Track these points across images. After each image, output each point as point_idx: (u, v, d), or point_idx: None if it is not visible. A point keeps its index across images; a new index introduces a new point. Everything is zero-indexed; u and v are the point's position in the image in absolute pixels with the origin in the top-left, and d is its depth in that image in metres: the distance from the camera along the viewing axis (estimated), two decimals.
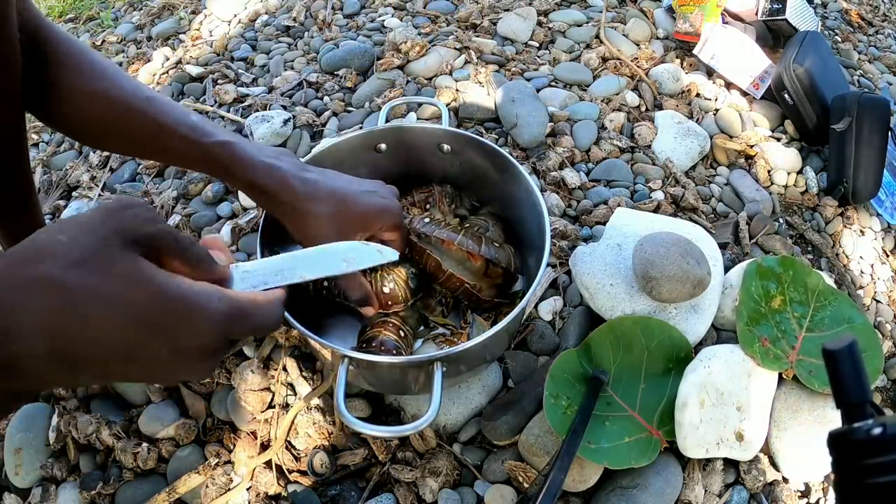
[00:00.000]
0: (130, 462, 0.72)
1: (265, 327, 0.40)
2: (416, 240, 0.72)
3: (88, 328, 0.32)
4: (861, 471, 0.31)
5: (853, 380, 0.33)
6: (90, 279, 0.32)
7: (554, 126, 1.09)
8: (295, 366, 0.78)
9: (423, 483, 0.69)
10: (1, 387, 0.32)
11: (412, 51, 1.21)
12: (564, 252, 0.90)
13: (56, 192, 1.10)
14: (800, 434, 0.72)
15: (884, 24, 1.70)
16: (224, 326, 0.36)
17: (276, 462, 0.73)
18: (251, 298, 0.39)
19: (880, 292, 1.05)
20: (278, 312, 0.41)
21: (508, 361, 0.78)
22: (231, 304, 0.37)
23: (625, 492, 0.66)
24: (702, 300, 0.79)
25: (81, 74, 0.59)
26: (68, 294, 0.31)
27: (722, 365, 0.71)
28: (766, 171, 1.11)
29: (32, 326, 0.31)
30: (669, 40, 1.35)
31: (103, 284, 0.32)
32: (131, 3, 1.71)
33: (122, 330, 0.32)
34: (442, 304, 0.76)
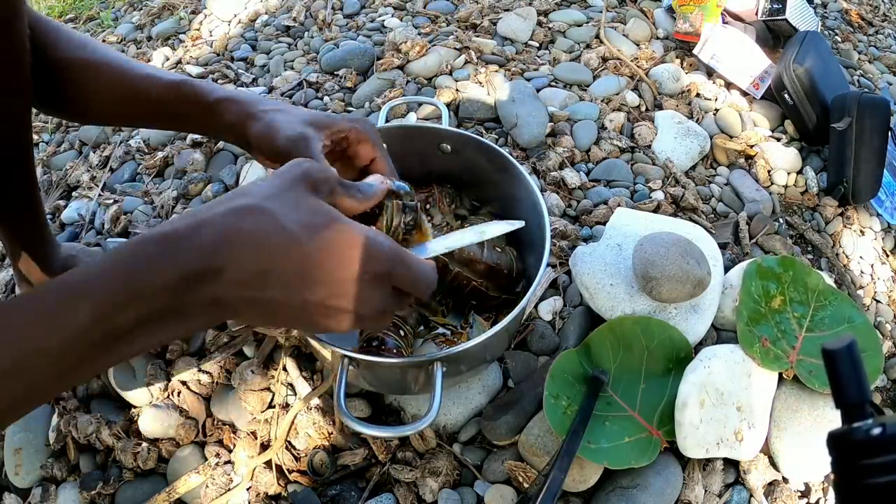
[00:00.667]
0: (130, 462, 0.72)
1: (424, 280, 0.44)
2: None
3: (287, 244, 0.37)
4: (861, 471, 0.31)
5: (853, 380, 0.33)
6: (285, 208, 0.38)
7: (554, 126, 1.09)
8: (295, 366, 0.78)
9: (423, 483, 0.69)
10: (200, 296, 0.36)
11: (412, 51, 1.21)
12: (564, 252, 0.90)
13: (56, 191, 1.10)
14: (800, 434, 0.72)
15: (884, 24, 1.70)
16: (391, 260, 0.41)
17: (276, 462, 0.73)
18: (410, 252, 0.45)
19: (880, 292, 1.05)
20: (434, 274, 0.45)
21: (508, 361, 0.78)
22: (395, 245, 0.43)
23: (625, 492, 0.66)
24: (702, 300, 0.79)
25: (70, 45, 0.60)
26: (269, 216, 0.37)
27: (722, 365, 0.71)
28: (766, 171, 1.11)
29: (238, 242, 0.36)
30: (669, 40, 1.35)
31: (295, 213, 0.38)
32: (131, 3, 1.71)
33: (309, 251, 0.38)
34: (442, 304, 0.76)
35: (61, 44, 0.59)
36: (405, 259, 0.43)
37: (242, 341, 0.81)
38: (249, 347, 0.81)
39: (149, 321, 0.35)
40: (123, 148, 1.14)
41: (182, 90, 0.58)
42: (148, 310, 0.35)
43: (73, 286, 0.34)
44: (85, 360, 0.34)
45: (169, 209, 1.00)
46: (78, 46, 0.60)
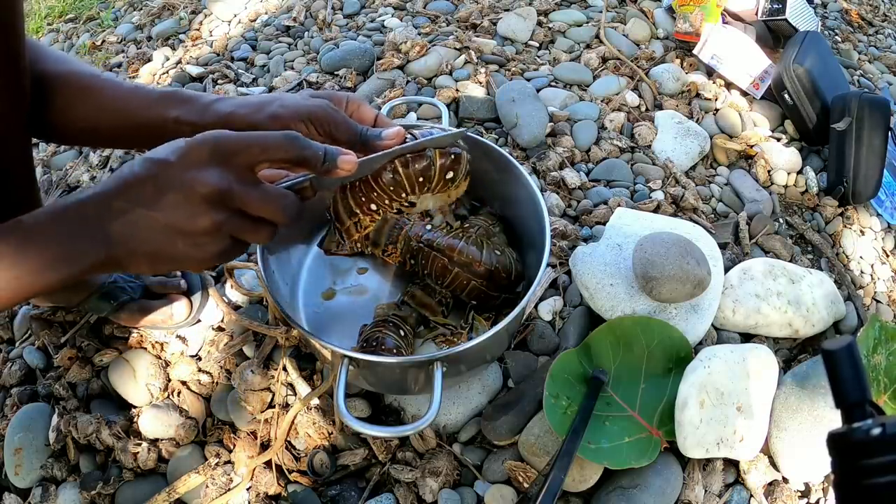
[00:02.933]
0: (130, 462, 0.72)
1: (271, 197, 0.46)
2: (420, 245, 0.73)
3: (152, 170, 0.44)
4: (861, 471, 0.31)
5: (852, 380, 0.33)
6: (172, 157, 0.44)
7: (554, 126, 1.09)
8: (295, 366, 0.78)
9: (423, 483, 0.69)
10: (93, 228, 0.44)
11: (412, 51, 1.21)
12: (564, 252, 0.90)
13: (56, 191, 1.10)
14: (800, 434, 0.72)
15: (884, 24, 1.70)
16: (222, 183, 0.44)
17: (276, 462, 0.73)
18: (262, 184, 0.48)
19: (880, 292, 1.05)
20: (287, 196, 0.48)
21: (508, 361, 0.78)
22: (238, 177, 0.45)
23: (625, 492, 0.66)
24: (702, 300, 0.79)
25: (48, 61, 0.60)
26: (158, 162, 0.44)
27: (722, 365, 0.71)
28: (766, 171, 1.11)
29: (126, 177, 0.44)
30: (669, 40, 1.35)
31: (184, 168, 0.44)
32: (131, 3, 1.71)
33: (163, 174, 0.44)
34: (442, 304, 0.76)
35: (43, 58, 0.59)
36: (245, 182, 0.45)
37: (243, 341, 0.81)
38: (249, 347, 0.81)
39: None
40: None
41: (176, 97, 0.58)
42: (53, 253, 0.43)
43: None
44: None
45: None
46: (61, 61, 0.61)
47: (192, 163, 0.44)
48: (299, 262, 0.82)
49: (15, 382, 0.82)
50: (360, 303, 0.78)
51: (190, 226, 0.44)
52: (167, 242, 0.44)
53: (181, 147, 0.44)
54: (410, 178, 0.57)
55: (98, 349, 0.82)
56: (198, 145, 0.44)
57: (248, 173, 0.46)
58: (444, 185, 0.59)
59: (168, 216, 0.43)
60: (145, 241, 0.44)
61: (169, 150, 0.44)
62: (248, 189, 0.45)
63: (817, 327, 0.85)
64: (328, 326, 0.76)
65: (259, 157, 0.45)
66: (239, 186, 0.45)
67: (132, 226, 0.44)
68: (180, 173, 0.43)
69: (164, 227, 0.44)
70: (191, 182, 0.43)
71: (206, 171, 0.44)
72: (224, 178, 0.44)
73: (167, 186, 0.43)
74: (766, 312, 0.81)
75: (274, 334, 0.80)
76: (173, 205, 0.43)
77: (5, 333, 0.88)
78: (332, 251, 0.83)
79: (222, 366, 0.79)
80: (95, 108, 0.60)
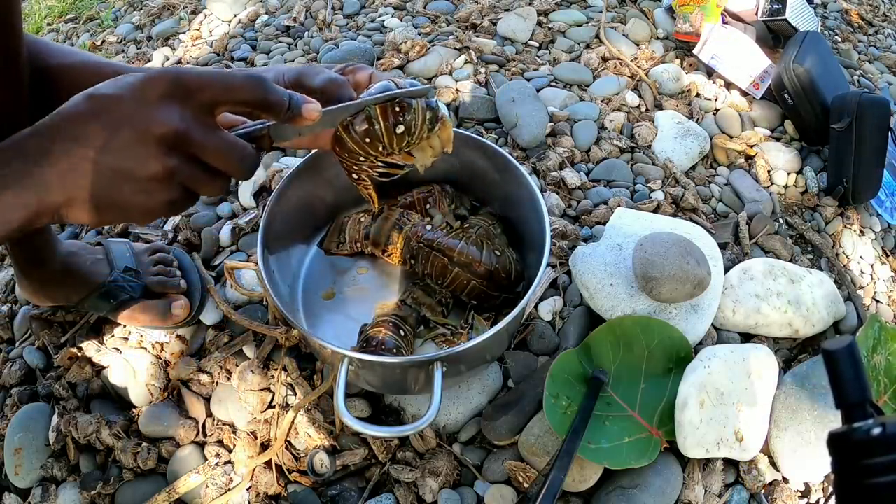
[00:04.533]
0: (130, 462, 0.72)
1: (227, 146, 0.43)
2: (420, 245, 0.73)
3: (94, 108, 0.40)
4: (861, 471, 0.31)
5: (853, 380, 0.33)
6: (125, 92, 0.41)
7: (554, 126, 1.09)
8: (295, 366, 0.78)
9: (423, 483, 0.69)
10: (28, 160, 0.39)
11: (412, 51, 1.21)
12: (564, 252, 0.90)
13: None
14: (800, 434, 0.72)
15: (884, 24, 1.70)
16: (177, 124, 0.40)
17: (276, 462, 0.73)
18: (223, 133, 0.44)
19: (880, 292, 1.05)
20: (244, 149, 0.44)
21: (508, 361, 0.78)
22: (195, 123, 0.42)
23: (625, 492, 0.66)
24: (702, 300, 0.79)
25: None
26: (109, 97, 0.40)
27: (722, 365, 0.71)
28: (766, 171, 1.11)
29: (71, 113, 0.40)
30: (669, 40, 1.35)
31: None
32: (131, 3, 1.71)
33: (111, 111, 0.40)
34: (442, 304, 0.76)
35: (49, 52, 0.59)
36: (204, 130, 0.42)
37: (243, 341, 0.81)
38: (249, 347, 0.81)
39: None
40: None
41: None
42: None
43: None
44: None
45: None
46: (67, 53, 0.60)
47: (148, 99, 0.40)
48: (299, 262, 0.82)
49: (15, 382, 0.82)
50: (360, 303, 0.78)
51: (140, 170, 0.40)
52: (113, 188, 0.40)
53: (134, 82, 0.40)
54: (382, 131, 0.52)
55: (98, 349, 0.82)
56: (154, 80, 0.40)
57: (207, 116, 0.42)
58: (422, 132, 0.54)
59: (116, 159, 0.40)
60: (87, 186, 0.40)
61: (119, 85, 0.40)
62: (206, 133, 0.42)
63: (817, 327, 0.85)
64: (328, 326, 0.76)
65: (221, 97, 0.42)
66: (197, 130, 0.41)
67: (73, 170, 0.39)
68: (133, 110, 0.40)
69: (109, 171, 0.40)
70: (145, 120, 0.40)
71: (163, 108, 0.40)
72: (182, 119, 0.41)
73: (117, 125, 0.39)
74: (766, 312, 0.81)
75: (274, 334, 0.79)
76: (123, 146, 0.39)
77: (5, 333, 0.88)
78: (332, 251, 0.83)
79: (222, 366, 0.79)
80: None
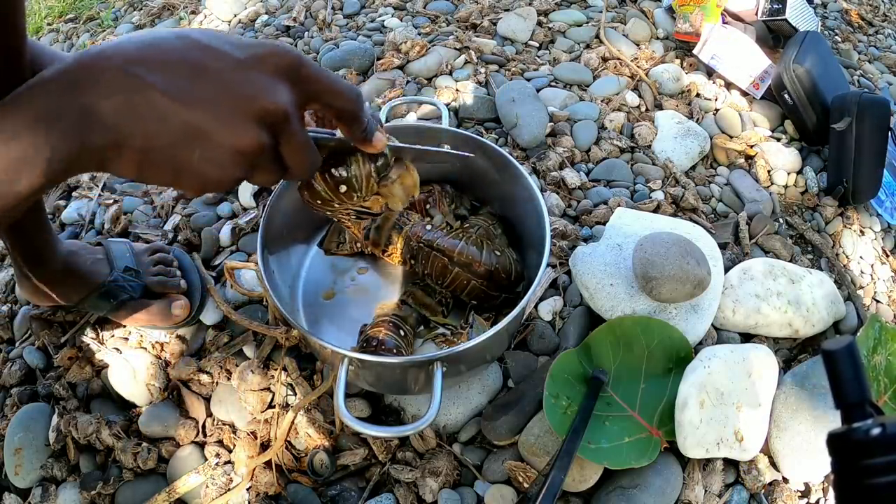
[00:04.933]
0: (130, 462, 0.72)
1: (311, 150, 0.42)
2: (420, 245, 0.73)
3: (174, 46, 0.36)
4: (860, 471, 0.31)
5: (852, 380, 0.33)
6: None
7: (554, 126, 1.09)
8: (295, 366, 0.78)
9: (423, 483, 0.69)
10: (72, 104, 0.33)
11: (412, 51, 1.21)
12: (564, 252, 0.90)
13: (56, 191, 1.10)
14: (800, 434, 0.72)
15: (884, 24, 1.70)
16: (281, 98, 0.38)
17: (276, 462, 0.73)
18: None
19: (880, 292, 1.05)
20: (316, 157, 0.44)
21: (508, 361, 0.78)
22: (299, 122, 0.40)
23: (625, 492, 0.66)
24: (702, 300, 0.79)
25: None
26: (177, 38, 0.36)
27: (722, 365, 0.71)
28: (766, 171, 1.11)
29: (123, 49, 0.35)
30: (669, 40, 1.35)
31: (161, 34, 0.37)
32: (131, 3, 1.71)
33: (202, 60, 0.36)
34: (442, 304, 0.76)
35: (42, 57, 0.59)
36: (295, 122, 0.40)
37: (243, 341, 0.81)
38: (249, 347, 0.81)
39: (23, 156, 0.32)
40: None
41: None
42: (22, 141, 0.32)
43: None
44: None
45: (169, 209, 1.00)
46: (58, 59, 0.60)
47: (267, 68, 0.37)
48: (299, 262, 0.82)
49: (15, 382, 0.82)
50: (360, 303, 0.78)
51: (228, 138, 0.36)
52: (181, 147, 0.36)
53: (256, 46, 0.38)
54: (326, 190, 0.54)
55: (98, 349, 0.82)
56: (279, 53, 0.38)
57: (302, 108, 0.41)
58: (369, 185, 0.54)
59: (201, 116, 0.35)
60: (149, 135, 0.35)
61: (234, 42, 0.37)
62: (300, 125, 0.40)
63: (817, 327, 0.85)
64: (328, 326, 0.76)
65: (325, 95, 0.41)
66: (297, 117, 0.39)
67: (134, 109, 0.34)
68: (245, 74, 0.36)
69: (186, 126, 0.35)
70: (259, 89, 0.37)
71: (278, 84, 0.38)
72: (291, 102, 0.38)
73: (218, 81, 0.36)
74: (766, 312, 0.81)
75: (274, 334, 0.80)
76: (216, 105, 0.35)
77: (5, 333, 0.88)
78: (332, 251, 0.83)
79: (222, 366, 0.79)
80: None
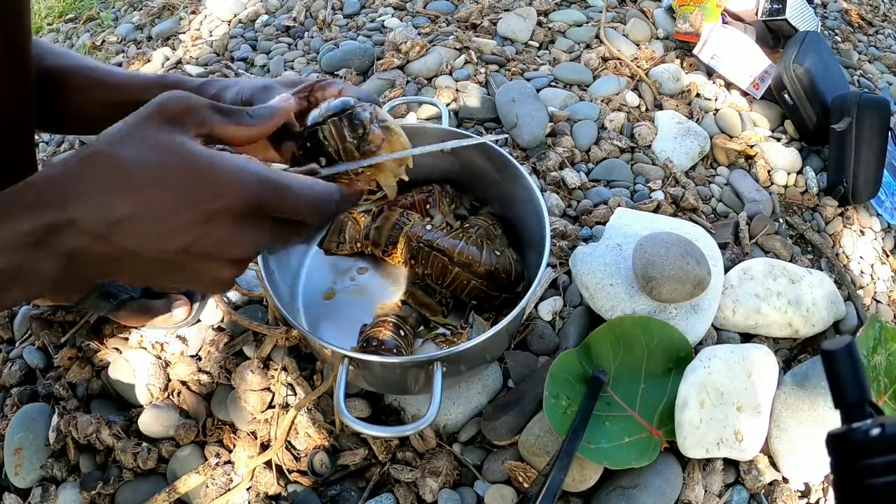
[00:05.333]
0: (130, 462, 0.72)
1: (308, 202, 0.40)
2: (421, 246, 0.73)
3: (130, 190, 0.35)
4: (860, 471, 0.31)
5: (852, 380, 0.33)
6: (129, 149, 0.35)
7: (554, 126, 1.09)
8: (295, 366, 0.78)
9: (423, 483, 0.69)
10: (57, 248, 0.34)
11: (412, 51, 1.21)
12: (564, 252, 0.90)
13: None
14: (800, 434, 0.72)
15: (884, 24, 1.70)
16: (255, 190, 0.37)
17: (276, 462, 0.73)
18: (293, 175, 0.40)
19: (880, 292, 1.05)
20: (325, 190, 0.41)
21: (508, 361, 0.78)
22: (265, 172, 0.38)
23: (625, 492, 0.66)
24: (702, 300, 0.79)
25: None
26: (112, 159, 0.35)
27: (722, 365, 0.71)
28: (766, 171, 1.11)
29: (85, 191, 0.34)
30: (669, 40, 1.35)
31: (142, 154, 0.35)
32: (131, 3, 1.71)
33: (157, 192, 0.35)
34: (442, 304, 0.76)
35: (44, 53, 0.59)
36: (278, 183, 0.38)
37: (243, 341, 0.81)
38: (249, 347, 0.81)
39: (8, 273, 0.34)
40: None
41: (165, 82, 0.58)
42: (8, 263, 0.34)
43: None
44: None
45: None
46: (59, 55, 0.61)
47: (229, 216, 0.37)
48: (299, 262, 0.82)
49: (15, 382, 0.82)
50: (360, 303, 0.78)
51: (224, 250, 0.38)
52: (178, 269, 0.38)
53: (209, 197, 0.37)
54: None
55: (98, 349, 0.82)
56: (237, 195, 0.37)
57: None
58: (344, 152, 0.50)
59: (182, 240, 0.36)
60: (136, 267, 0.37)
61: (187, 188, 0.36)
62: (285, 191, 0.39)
63: (817, 327, 0.85)
64: (328, 326, 0.76)
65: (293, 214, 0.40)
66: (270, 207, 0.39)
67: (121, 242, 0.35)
68: (206, 228, 0.36)
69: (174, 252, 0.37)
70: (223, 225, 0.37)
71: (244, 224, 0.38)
72: (256, 199, 0.38)
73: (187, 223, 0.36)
74: (766, 312, 0.81)
75: (274, 334, 0.80)
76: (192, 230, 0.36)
77: (5, 333, 0.88)
78: (332, 251, 0.83)
79: (222, 366, 0.79)
80: (93, 103, 0.60)
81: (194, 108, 0.38)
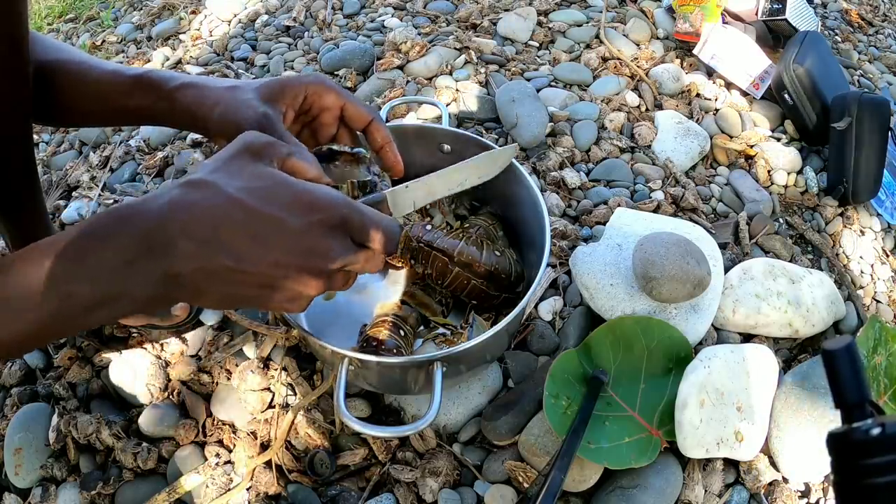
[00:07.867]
0: (130, 462, 0.72)
1: (382, 228, 0.44)
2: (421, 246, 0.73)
3: (228, 211, 0.39)
4: (860, 471, 0.31)
5: (852, 380, 0.33)
6: (227, 177, 0.40)
7: (554, 126, 1.09)
8: (295, 366, 0.78)
9: (423, 483, 0.69)
10: (154, 269, 0.38)
11: (412, 51, 1.21)
12: (564, 252, 0.90)
13: (56, 191, 1.10)
14: (800, 434, 0.72)
15: (884, 24, 1.70)
16: (341, 207, 0.42)
17: (276, 462, 0.73)
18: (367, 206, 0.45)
19: (880, 292, 1.05)
20: (394, 224, 0.46)
21: (508, 361, 0.78)
22: (345, 196, 0.43)
23: (625, 492, 0.66)
24: (702, 300, 0.79)
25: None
26: (212, 186, 0.39)
27: (722, 365, 0.71)
28: (766, 171, 1.11)
29: (186, 213, 0.38)
30: (669, 40, 1.35)
31: (237, 180, 0.40)
32: (131, 3, 1.71)
33: (253, 211, 0.39)
34: (442, 304, 0.76)
35: (38, 47, 0.59)
36: (359, 206, 0.43)
37: (243, 341, 0.81)
38: (249, 347, 0.81)
39: (108, 295, 0.37)
40: (123, 148, 1.14)
41: (143, 81, 0.58)
42: (106, 284, 0.37)
43: (35, 257, 0.37)
44: (48, 328, 0.37)
45: None
46: (52, 49, 0.61)
47: (319, 231, 0.41)
48: None
49: (15, 382, 0.82)
50: (360, 303, 0.78)
51: (296, 286, 0.42)
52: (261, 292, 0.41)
53: (307, 209, 0.41)
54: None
55: (98, 349, 0.82)
56: (330, 212, 0.42)
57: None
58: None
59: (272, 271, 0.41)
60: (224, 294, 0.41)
61: (284, 204, 0.40)
62: (354, 259, 0.45)
63: (817, 327, 0.85)
64: (328, 326, 0.76)
65: (371, 242, 0.45)
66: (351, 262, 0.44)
67: (215, 276, 0.39)
68: (300, 240, 0.41)
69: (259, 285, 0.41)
70: (316, 254, 0.41)
71: (332, 241, 0.42)
72: (344, 250, 0.43)
73: (281, 250, 0.40)
74: (766, 312, 0.81)
75: (274, 334, 0.80)
76: (286, 261, 0.41)
77: None
78: None
79: (222, 366, 0.79)
80: (83, 97, 0.61)
81: (273, 146, 0.43)
